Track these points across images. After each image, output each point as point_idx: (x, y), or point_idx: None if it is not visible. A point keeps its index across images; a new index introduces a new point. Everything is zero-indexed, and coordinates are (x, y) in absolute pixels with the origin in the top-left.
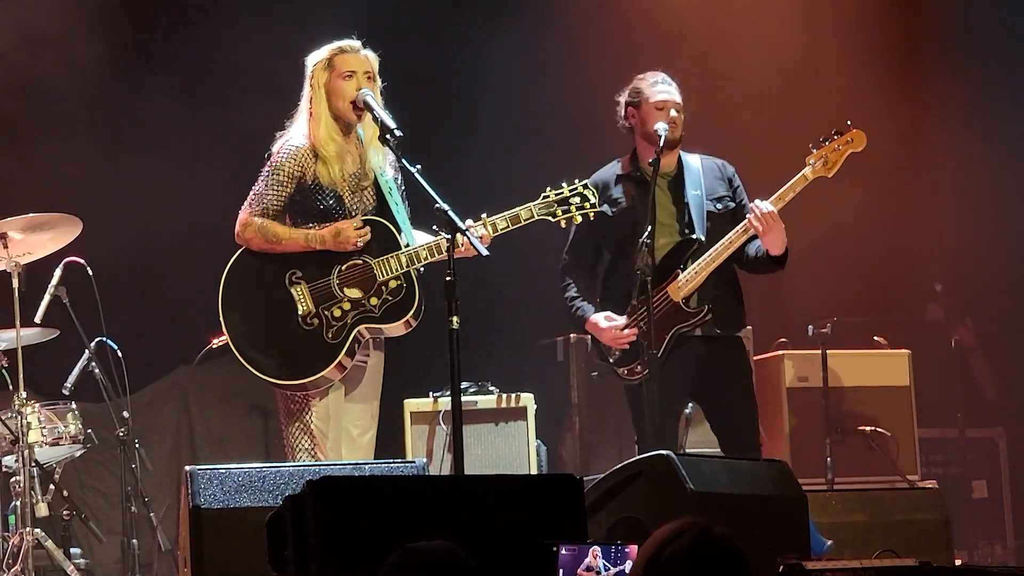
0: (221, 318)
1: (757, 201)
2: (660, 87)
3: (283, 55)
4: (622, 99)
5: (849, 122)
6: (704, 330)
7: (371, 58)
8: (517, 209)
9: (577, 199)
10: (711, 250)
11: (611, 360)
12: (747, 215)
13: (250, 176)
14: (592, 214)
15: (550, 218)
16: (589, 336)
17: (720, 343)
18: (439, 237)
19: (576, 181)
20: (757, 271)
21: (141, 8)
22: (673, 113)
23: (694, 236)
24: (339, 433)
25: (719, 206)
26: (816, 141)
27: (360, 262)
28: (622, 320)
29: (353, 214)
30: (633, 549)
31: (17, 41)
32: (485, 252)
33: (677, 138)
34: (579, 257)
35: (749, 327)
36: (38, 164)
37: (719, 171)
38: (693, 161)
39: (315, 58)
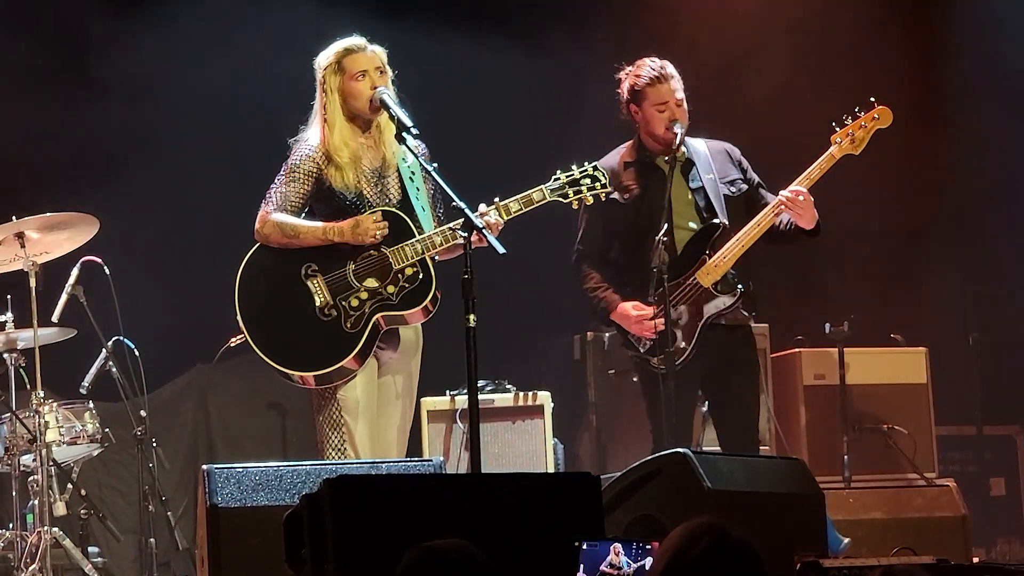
0: (238, 314)
1: (788, 189)
2: (659, 87)
3: (300, 56)
4: (623, 87)
5: (873, 99)
6: (728, 318)
7: (379, 52)
8: (529, 192)
9: (588, 180)
10: (740, 233)
11: (642, 350)
12: (779, 197)
13: (267, 173)
14: (604, 195)
15: (562, 199)
16: (613, 330)
17: (735, 335)
18: (453, 224)
19: (586, 163)
20: (788, 244)
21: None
22: (676, 108)
23: (716, 220)
24: (373, 426)
25: (733, 189)
26: (839, 119)
27: (375, 252)
28: (650, 310)
29: (375, 206)
30: (655, 545)
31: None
32: (502, 250)
33: (686, 127)
34: (592, 246)
35: (766, 324)
36: (55, 163)
37: (728, 154)
38: (699, 146)
39: (323, 61)
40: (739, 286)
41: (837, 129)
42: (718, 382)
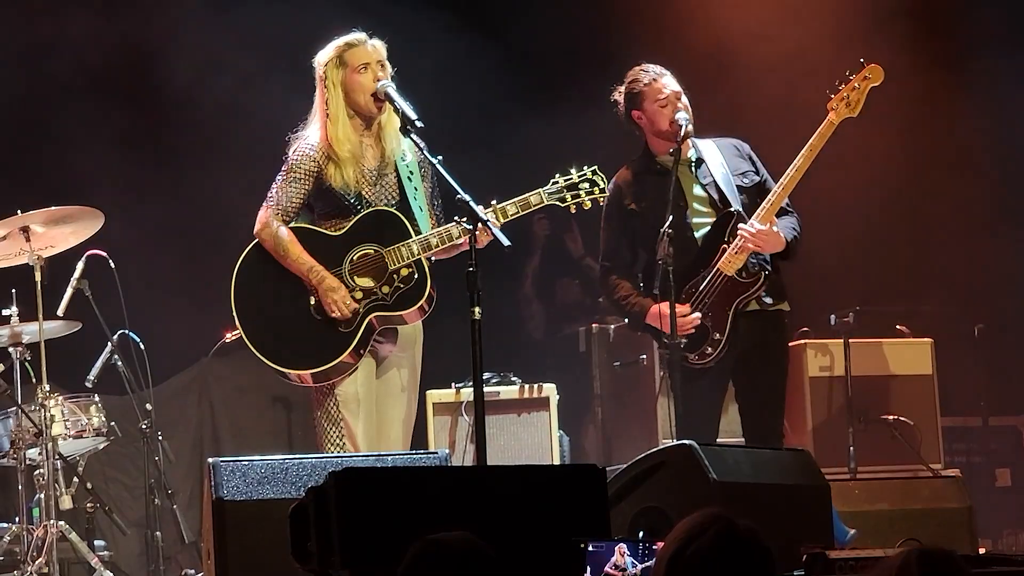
0: (233, 311)
1: (746, 225)
2: (657, 84)
3: (302, 54)
4: (621, 99)
5: (863, 59)
6: (758, 302)
7: (379, 47)
8: (527, 195)
9: (586, 184)
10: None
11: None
12: (740, 234)
13: (270, 168)
14: (602, 200)
15: (559, 203)
16: (620, 323)
17: (765, 320)
18: (450, 224)
19: (585, 167)
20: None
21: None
22: (677, 101)
23: (731, 209)
24: (373, 421)
25: (745, 180)
26: (832, 85)
27: (371, 251)
28: (683, 308)
29: (374, 206)
30: (660, 546)
31: (36, 40)
32: (507, 242)
33: (690, 119)
34: (618, 259)
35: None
36: (60, 157)
37: (736, 149)
38: (707, 145)
39: (324, 57)
40: (763, 272)
41: (832, 96)
42: (744, 370)
